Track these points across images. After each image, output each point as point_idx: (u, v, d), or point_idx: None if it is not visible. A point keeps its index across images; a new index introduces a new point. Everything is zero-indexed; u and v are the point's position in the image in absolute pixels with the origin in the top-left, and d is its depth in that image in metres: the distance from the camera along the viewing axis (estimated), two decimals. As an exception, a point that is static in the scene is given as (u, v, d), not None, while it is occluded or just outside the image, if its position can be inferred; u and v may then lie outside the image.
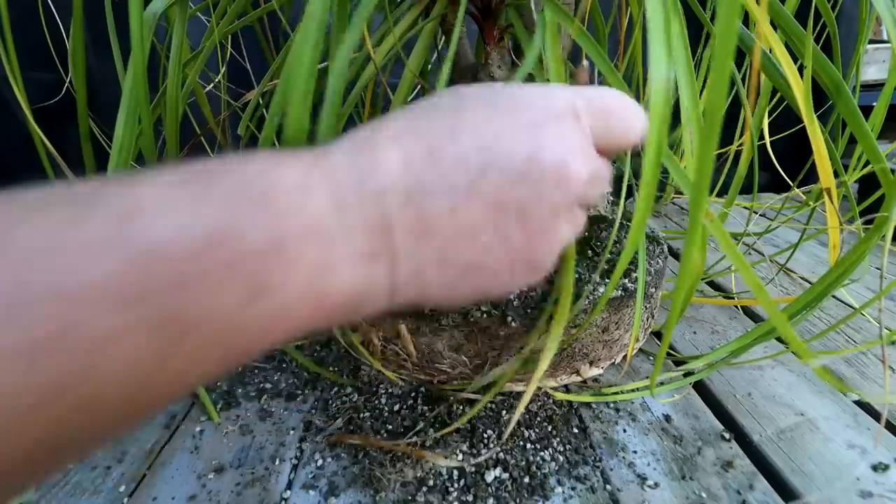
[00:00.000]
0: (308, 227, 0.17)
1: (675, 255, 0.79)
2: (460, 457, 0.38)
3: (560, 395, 0.44)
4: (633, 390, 0.45)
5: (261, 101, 0.54)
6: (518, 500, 0.35)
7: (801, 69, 0.33)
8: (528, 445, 0.40)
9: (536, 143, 0.20)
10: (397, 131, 0.20)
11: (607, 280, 0.44)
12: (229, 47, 0.61)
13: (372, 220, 0.18)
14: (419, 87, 0.62)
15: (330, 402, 0.46)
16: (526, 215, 0.20)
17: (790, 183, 0.60)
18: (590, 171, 0.21)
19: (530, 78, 0.33)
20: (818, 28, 0.45)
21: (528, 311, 0.41)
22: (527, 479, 0.37)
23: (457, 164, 0.19)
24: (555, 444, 0.40)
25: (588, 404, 0.44)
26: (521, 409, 0.38)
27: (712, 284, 0.68)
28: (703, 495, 0.35)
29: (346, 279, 0.18)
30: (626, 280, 0.44)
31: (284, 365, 0.51)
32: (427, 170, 0.19)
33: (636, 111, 0.23)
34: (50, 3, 0.61)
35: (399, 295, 0.20)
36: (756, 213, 0.83)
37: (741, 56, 0.32)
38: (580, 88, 0.23)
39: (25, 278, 0.13)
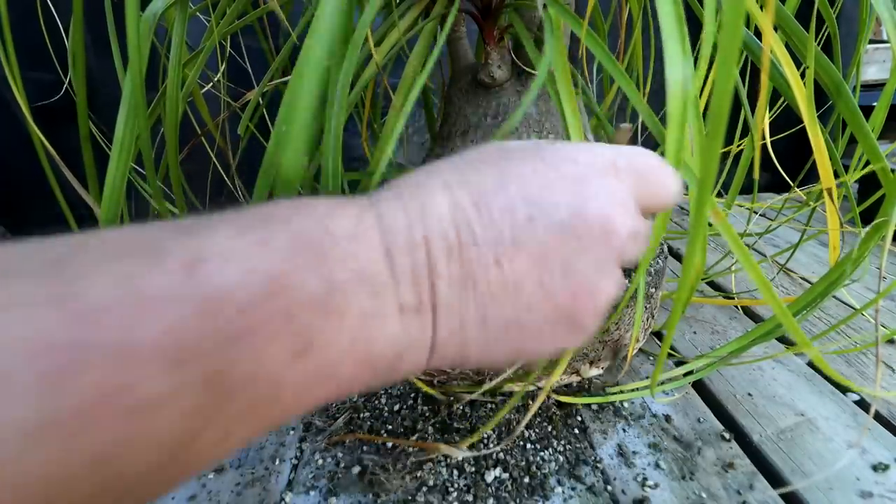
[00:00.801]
0: (359, 274, 0.17)
1: (675, 255, 0.79)
2: (460, 457, 0.38)
3: (561, 396, 0.44)
4: (633, 390, 0.45)
5: (261, 102, 0.54)
6: (518, 500, 0.35)
7: (799, 66, 0.33)
8: (528, 445, 0.40)
9: (582, 197, 0.20)
10: (446, 180, 0.20)
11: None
12: (229, 47, 0.61)
13: (418, 268, 0.18)
14: (416, 82, 0.62)
15: (330, 402, 0.46)
16: (571, 270, 0.20)
17: (790, 183, 0.60)
18: (632, 226, 0.21)
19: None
20: (818, 28, 0.45)
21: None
22: (527, 479, 0.37)
23: (503, 215, 0.19)
24: (555, 444, 0.40)
25: (588, 404, 0.44)
26: (530, 414, 0.38)
27: (712, 284, 0.68)
28: (703, 495, 0.35)
29: (391, 332, 0.18)
30: (627, 280, 0.44)
31: (284, 365, 0.51)
32: (474, 219, 0.19)
33: (672, 173, 0.23)
34: (50, 3, 0.61)
35: (439, 352, 0.19)
36: (756, 213, 0.83)
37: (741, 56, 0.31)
38: (620, 147, 0.23)
39: (82, 335, 0.12)
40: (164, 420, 0.13)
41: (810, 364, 0.49)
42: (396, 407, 0.44)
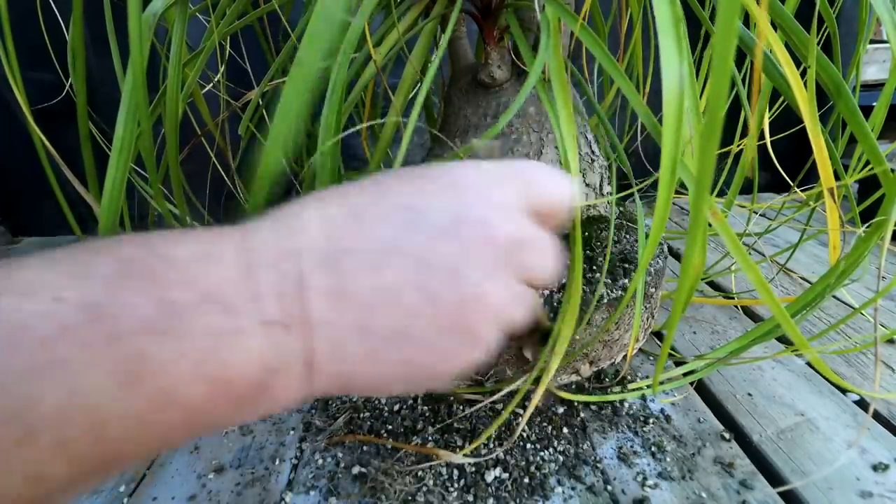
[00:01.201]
0: (205, 293, 0.16)
1: (675, 255, 0.79)
2: (459, 462, 0.38)
3: (561, 395, 0.44)
4: (633, 390, 0.45)
5: (261, 102, 0.54)
6: (518, 500, 0.35)
7: (799, 66, 0.33)
8: (528, 445, 0.40)
9: (461, 201, 0.20)
10: (322, 197, 0.19)
11: (608, 279, 0.44)
12: (229, 47, 0.61)
13: (285, 284, 0.17)
14: (420, 86, 0.62)
15: (330, 402, 0.46)
16: (455, 275, 0.19)
17: (790, 183, 0.60)
18: (518, 232, 0.20)
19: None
20: (818, 28, 0.45)
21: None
22: (527, 480, 0.37)
23: (378, 221, 0.18)
24: (555, 444, 0.40)
25: (588, 404, 0.44)
26: (528, 414, 0.38)
27: (712, 284, 0.68)
28: (703, 495, 0.35)
29: (253, 348, 0.16)
30: (627, 280, 0.44)
31: (284, 365, 0.51)
32: (347, 228, 0.18)
33: (561, 180, 0.23)
34: (51, 2, 0.61)
35: (319, 373, 0.18)
36: (756, 213, 0.83)
37: (741, 56, 0.32)
38: (505, 161, 0.23)
39: None
40: None
41: (810, 364, 0.49)
42: (397, 407, 0.44)
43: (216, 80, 0.59)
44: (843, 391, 0.45)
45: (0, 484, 0.13)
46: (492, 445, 0.40)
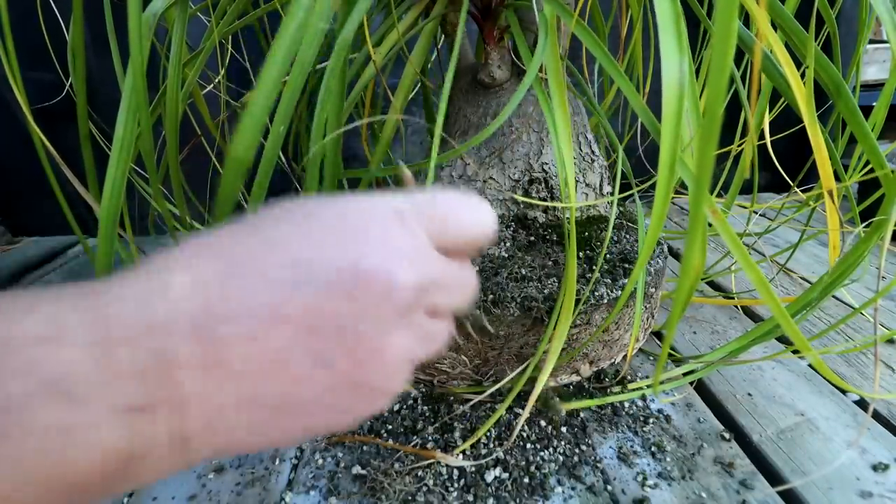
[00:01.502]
0: (48, 382, 0.14)
1: (675, 255, 0.79)
2: (461, 458, 0.38)
3: (561, 394, 0.44)
4: (633, 390, 0.45)
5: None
6: (518, 500, 0.35)
7: (799, 66, 0.33)
8: (528, 445, 0.40)
9: (355, 253, 0.17)
10: (194, 251, 0.17)
11: (607, 279, 0.44)
12: (229, 47, 0.61)
13: (147, 362, 0.15)
14: (419, 86, 0.62)
15: None
16: (347, 335, 0.17)
17: (790, 183, 0.60)
18: (424, 277, 0.19)
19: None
20: (818, 28, 0.46)
21: (529, 311, 0.41)
22: (527, 480, 0.37)
23: (259, 283, 0.16)
24: (555, 444, 0.40)
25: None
26: (526, 413, 0.38)
27: (712, 284, 0.68)
28: (703, 495, 0.35)
29: (106, 443, 0.15)
30: (626, 280, 0.44)
31: (284, 365, 0.51)
32: (222, 292, 0.16)
33: (477, 207, 0.21)
34: (51, 2, 0.61)
35: (196, 445, 0.17)
36: (756, 213, 0.83)
37: (740, 56, 0.32)
38: (410, 194, 0.21)
39: None
40: None
41: (810, 364, 0.49)
42: (397, 407, 0.44)
43: (216, 80, 0.59)
44: (844, 391, 0.45)
45: None
46: (492, 445, 0.40)
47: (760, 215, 0.86)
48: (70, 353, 0.14)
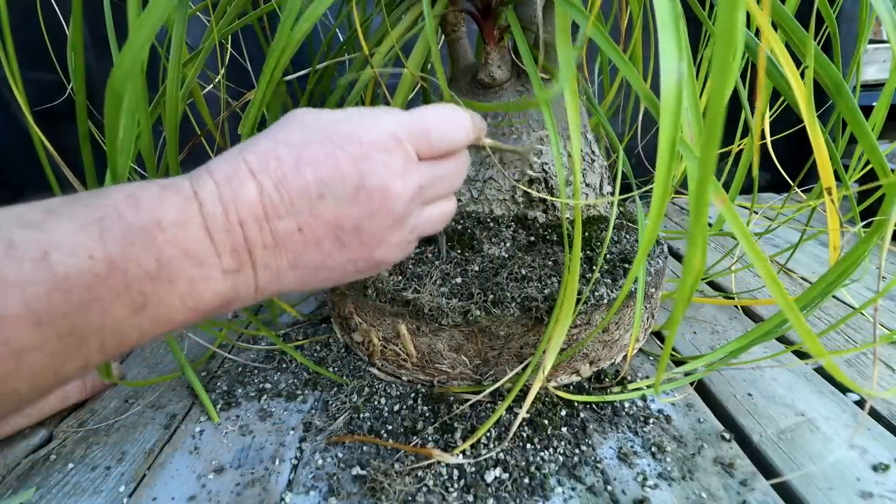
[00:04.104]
0: (185, 251, 0.23)
1: (675, 255, 0.79)
2: (461, 458, 0.38)
3: (561, 394, 0.44)
4: (633, 390, 0.45)
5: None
6: (518, 500, 0.35)
7: (799, 66, 0.33)
8: (528, 445, 0.40)
9: (362, 173, 0.26)
10: (252, 167, 0.25)
11: (607, 279, 0.44)
12: (229, 47, 0.61)
13: (236, 242, 0.24)
14: (419, 86, 0.62)
15: (330, 402, 0.46)
16: (361, 229, 0.27)
17: (790, 183, 0.60)
18: (412, 185, 0.27)
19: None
20: (818, 28, 0.45)
21: (529, 311, 0.41)
22: (527, 480, 0.37)
23: (299, 195, 0.25)
24: (555, 444, 0.40)
25: (588, 404, 0.44)
26: (523, 412, 0.38)
27: (712, 284, 0.68)
28: (703, 495, 0.35)
29: (218, 288, 0.24)
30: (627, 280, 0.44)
31: (284, 365, 0.51)
32: (277, 200, 0.25)
33: (455, 119, 0.30)
34: (51, 2, 0.61)
35: (262, 292, 0.27)
36: (756, 213, 0.83)
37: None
38: (405, 113, 0.28)
39: None
40: (35, 358, 0.19)
41: (811, 365, 0.49)
42: (396, 407, 0.44)
43: (216, 80, 0.59)
44: (844, 391, 0.45)
45: (65, 368, 0.21)
46: (492, 445, 0.40)
47: (761, 215, 0.86)
48: (194, 234, 0.23)
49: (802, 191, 0.61)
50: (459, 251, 0.46)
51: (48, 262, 0.19)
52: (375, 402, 0.45)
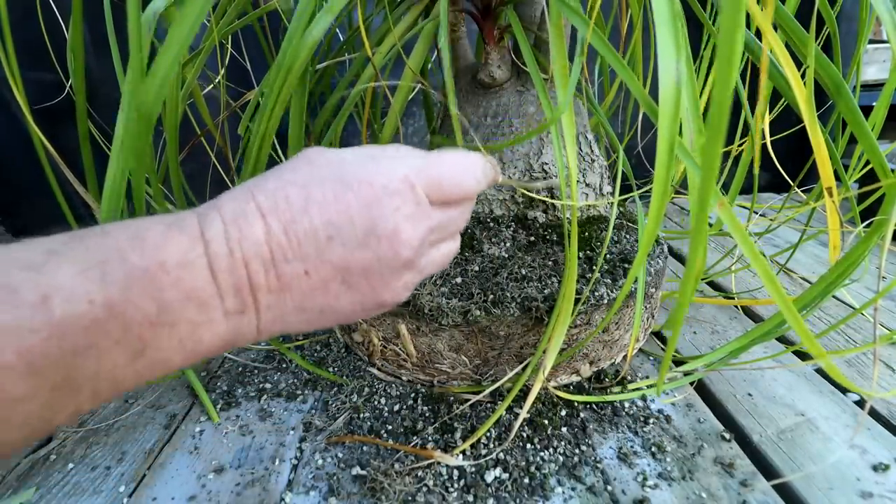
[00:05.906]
0: (187, 294, 0.22)
1: (674, 255, 0.79)
2: (461, 458, 0.38)
3: (561, 394, 0.44)
4: (633, 390, 0.45)
5: (261, 102, 0.54)
6: (518, 500, 0.35)
7: (799, 66, 0.33)
8: (528, 445, 0.40)
9: (373, 218, 0.25)
10: (261, 207, 0.24)
11: (607, 279, 0.44)
12: (229, 47, 0.61)
13: (240, 284, 0.24)
14: (419, 86, 0.62)
15: (330, 402, 0.46)
16: (369, 273, 0.26)
17: (790, 183, 0.60)
18: (422, 231, 0.27)
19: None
20: (818, 28, 0.46)
21: (529, 311, 0.41)
22: (527, 480, 0.37)
23: (307, 237, 0.25)
24: (555, 444, 0.40)
25: (588, 404, 0.44)
26: (524, 413, 0.38)
27: (712, 284, 0.68)
28: (703, 495, 0.35)
29: (219, 331, 0.24)
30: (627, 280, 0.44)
31: (284, 365, 0.51)
32: (284, 243, 0.24)
33: (469, 167, 0.29)
34: (51, 2, 0.61)
35: (265, 333, 0.26)
36: (756, 213, 0.83)
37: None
38: (419, 157, 0.28)
39: None
40: (29, 407, 0.19)
41: (812, 365, 0.49)
42: (396, 407, 0.44)
43: (216, 80, 0.59)
44: (844, 391, 0.45)
45: (56, 418, 0.20)
46: (492, 445, 0.40)
47: (760, 215, 0.86)
48: (198, 275, 0.22)
49: (802, 191, 0.61)
50: (459, 251, 0.46)
51: (48, 306, 0.19)
52: (375, 402, 0.45)
